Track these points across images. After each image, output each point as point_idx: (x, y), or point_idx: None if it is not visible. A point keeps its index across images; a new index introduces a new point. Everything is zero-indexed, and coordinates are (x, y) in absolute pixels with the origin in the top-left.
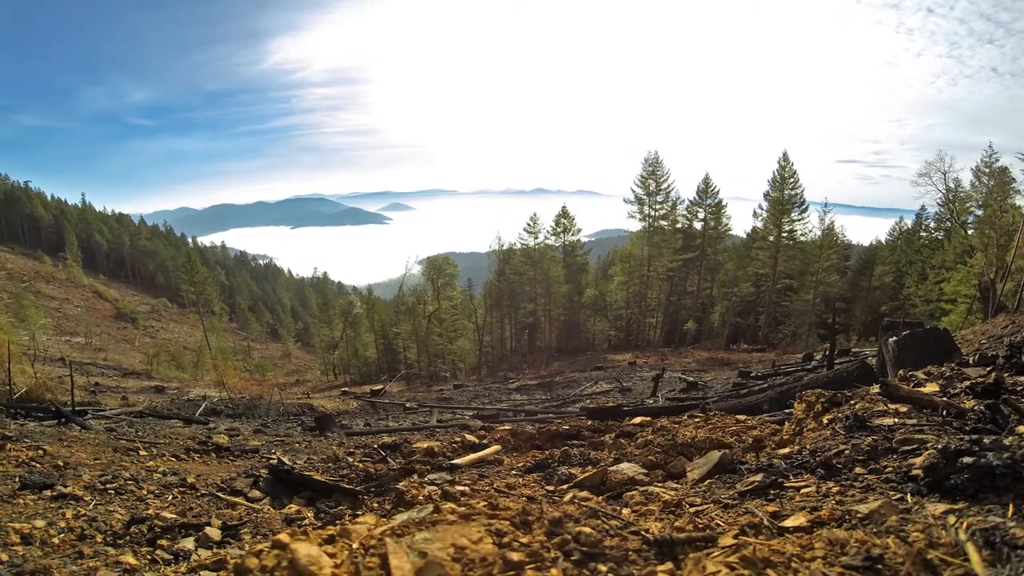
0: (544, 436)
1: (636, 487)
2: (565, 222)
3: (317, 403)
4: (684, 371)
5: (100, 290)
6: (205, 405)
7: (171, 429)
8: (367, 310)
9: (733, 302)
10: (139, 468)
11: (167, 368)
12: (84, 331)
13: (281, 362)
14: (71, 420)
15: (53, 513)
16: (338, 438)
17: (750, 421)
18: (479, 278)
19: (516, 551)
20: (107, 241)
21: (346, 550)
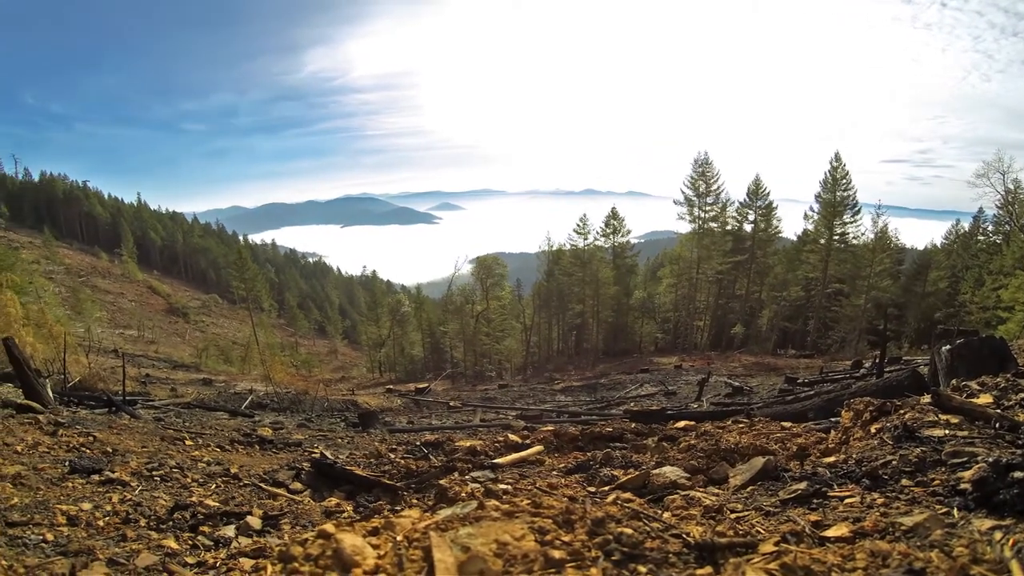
0: (587, 438)
1: (678, 491)
2: (615, 223)
3: (361, 400)
4: (730, 375)
5: (153, 285)
6: (251, 399)
7: (217, 421)
8: (415, 309)
9: (782, 306)
10: (184, 457)
11: (215, 362)
12: (137, 324)
13: (328, 358)
14: (121, 409)
15: (100, 497)
16: (380, 435)
17: (795, 428)
18: (528, 278)
19: (558, 549)
20: (161, 238)
21: (390, 542)
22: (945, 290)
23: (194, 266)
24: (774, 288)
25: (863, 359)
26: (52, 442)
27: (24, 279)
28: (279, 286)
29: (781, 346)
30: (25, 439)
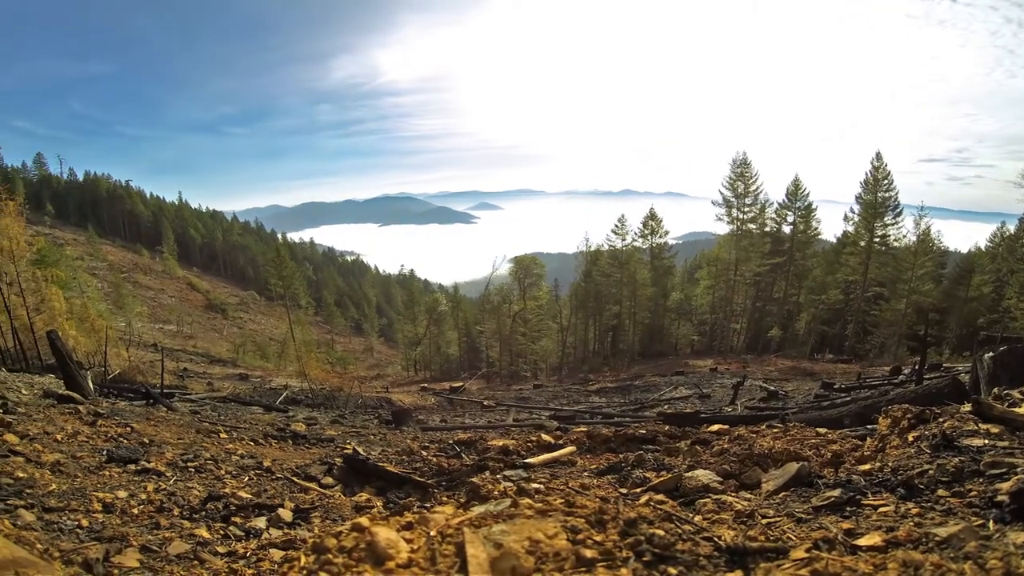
0: (619, 439)
1: (709, 495)
2: (653, 224)
3: (395, 397)
4: (765, 380)
5: (193, 282)
6: (286, 394)
7: (252, 415)
8: (452, 308)
9: (820, 310)
10: (219, 450)
11: (252, 357)
12: (176, 320)
13: (363, 356)
14: (159, 401)
15: (135, 486)
16: (413, 432)
17: (830, 435)
18: (566, 279)
19: (590, 548)
20: (201, 236)
21: (423, 537)
22: (989, 295)
23: (233, 263)
24: (812, 291)
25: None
26: (91, 432)
27: (68, 275)
28: (317, 284)
29: (818, 350)
30: (65, 428)
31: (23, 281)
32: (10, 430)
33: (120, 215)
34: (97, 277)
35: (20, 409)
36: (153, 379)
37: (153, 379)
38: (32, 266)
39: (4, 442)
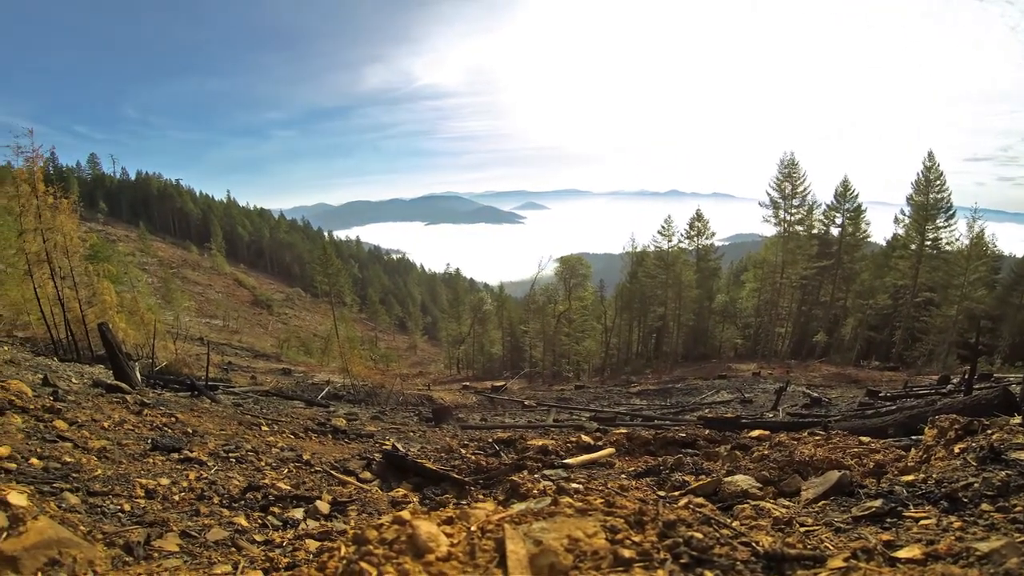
0: (659, 442)
1: (748, 500)
2: (699, 225)
3: (436, 395)
4: (809, 386)
5: (240, 278)
6: (328, 390)
7: (293, 409)
8: (497, 307)
9: (867, 315)
10: (260, 442)
11: (296, 353)
12: (223, 315)
13: (406, 354)
14: (203, 393)
15: (177, 474)
16: (452, 430)
17: (874, 444)
18: (611, 279)
19: (628, 548)
20: (248, 233)
21: (463, 531)
22: None
23: (279, 260)
24: (860, 295)
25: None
26: (137, 420)
27: (119, 270)
28: (362, 282)
29: (864, 357)
30: (112, 416)
31: (76, 275)
32: (60, 417)
33: (170, 213)
34: (147, 272)
35: (70, 397)
36: (198, 372)
37: (198, 372)
38: (85, 261)
39: (53, 428)
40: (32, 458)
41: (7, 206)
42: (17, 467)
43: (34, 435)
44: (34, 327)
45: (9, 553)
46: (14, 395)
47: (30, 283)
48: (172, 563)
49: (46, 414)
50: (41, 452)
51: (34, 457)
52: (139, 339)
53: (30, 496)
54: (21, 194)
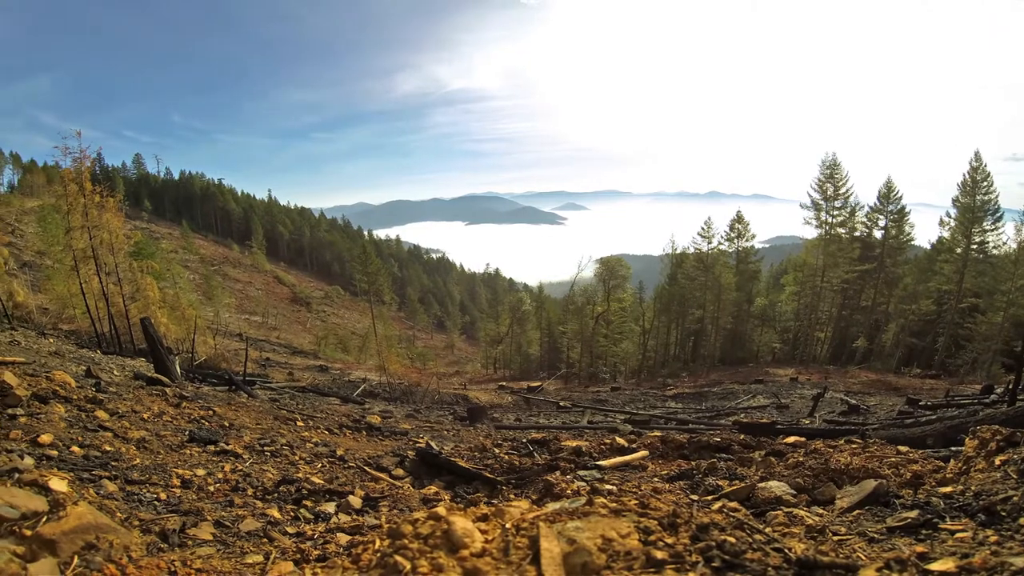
0: (693, 446)
1: (781, 507)
2: (739, 227)
3: (472, 394)
4: (847, 392)
5: (280, 275)
6: (364, 387)
7: (329, 405)
8: (536, 308)
9: (909, 320)
10: (295, 436)
11: (333, 350)
12: (262, 311)
13: (443, 353)
14: (240, 388)
15: (213, 465)
16: (486, 430)
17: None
18: (651, 281)
19: (660, 550)
20: (289, 232)
21: (498, 528)
22: None
23: (319, 259)
24: (902, 300)
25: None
26: (175, 413)
27: (162, 266)
28: (401, 281)
29: (905, 364)
30: (152, 408)
31: (121, 271)
32: (101, 407)
33: (212, 211)
34: (189, 269)
35: (111, 388)
36: (236, 367)
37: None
38: (129, 258)
39: (95, 418)
40: (73, 446)
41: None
42: (59, 454)
43: (76, 424)
44: (79, 321)
45: (48, 536)
46: (58, 385)
47: (76, 278)
48: (205, 551)
49: (88, 404)
50: (82, 440)
51: (75, 445)
52: (180, 334)
53: (70, 483)
54: (69, 193)
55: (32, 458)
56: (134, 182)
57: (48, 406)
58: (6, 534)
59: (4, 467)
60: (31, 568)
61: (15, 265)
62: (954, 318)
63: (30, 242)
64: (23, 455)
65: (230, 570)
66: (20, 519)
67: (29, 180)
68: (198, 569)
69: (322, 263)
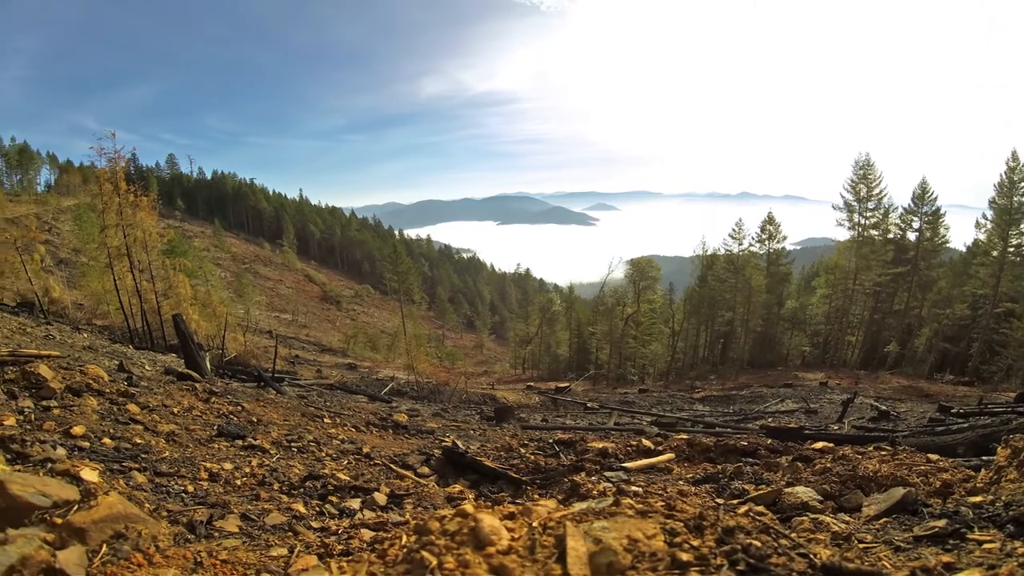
0: (719, 450)
1: (807, 513)
2: (770, 228)
3: (500, 394)
4: (877, 398)
5: (310, 274)
6: (391, 385)
7: (356, 403)
8: (566, 308)
9: (943, 325)
10: (322, 433)
11: (362, 348)
12: (292, 309)
13: (472, 352)
14: (269, 384)
15: (241, 460)
16: (513, 430)
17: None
18: (681, 282)
19: (686, 552)
20: (320, 231)
21: (525, 527)
22: None
23: (349, 258)
24: (936, 304)
25: None
26: (205, 407)
27: (195, 264)
28: (431, 280)
29: (938, 369)
30: (182, 403)
31: (154, 269)
32: (132, 401)
33: (244, 210)
34: (221, 267)
35: (143, 383)
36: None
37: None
38: (162, 256)
39: (126, 411)
40: (105, 438)
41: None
42: (90, 446)
43: (108, 417)
44: (112, 316)
45: (78, 525)
46: (91, 379)
47: (110, 275)
48: (231, 543)
49: (120, 398)
50: (114, 433)
51: (107, 437)
52: (211, 330)
53: (101, 473)
54: (104, 192)
55: (64, 449)
56: (167, 182)
57: (81, 399)
58: (37, 522)
59: (37, 457)
60: (60, 555)
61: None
62: (989, 323)
63: (66, 240)
64: (56, 446)
65: (255, 562)
66: (51, 507)
67: (65, 180)
68: (223, 560)
69: (352, 262)
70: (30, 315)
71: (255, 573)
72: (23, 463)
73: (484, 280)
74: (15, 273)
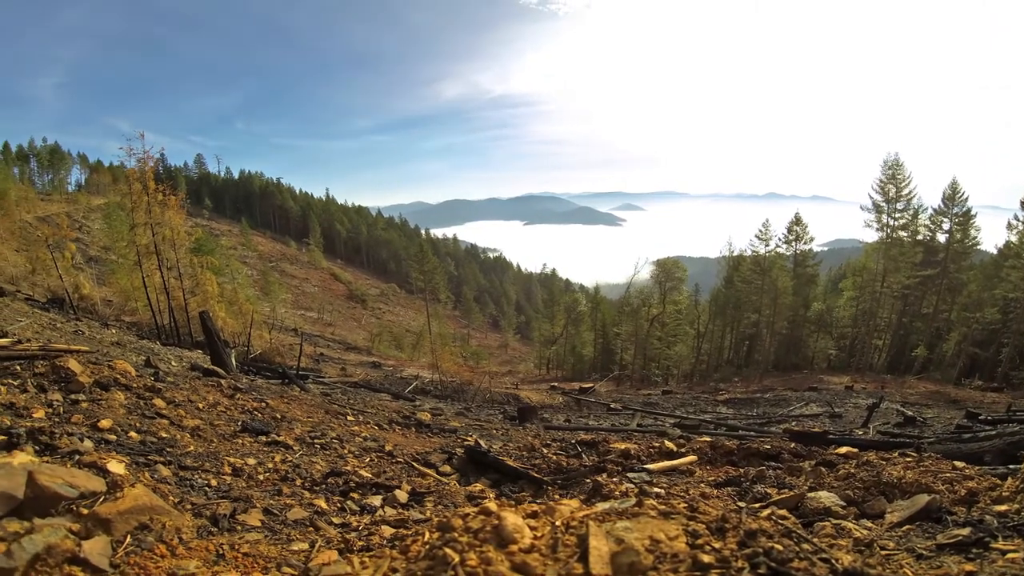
0: (742, 453)
1: (829, 518)
2: (797, 229)
3: (523, 394)
4: (903, 403)
5: (336, 273)
6: (415, 384)
7: (380, 401)
8: (591, 309)
9: (973, 329)
10: (345, 431)
11: (387, 347)
12: (318, 307)
13: (497, 352)
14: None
15: (264, 455)
16: (536, 430)
17: (968, 470)
18: (706, 283)
19: (707, 554)
20: (346, 230)
21: (548, 526)
22: None
23: (375, 257)
24: (966, 308)
25: None
26: (229, 403)
27: (222, 262)
28: (458, 279)
29: (967, 375)
30: (207, 399)
31: (182, 267)
32: (159, 396)
33: (271, 209)
34: (247, 265)
35: (169, 378)
36: (290, 361)
37: (290, 361)
38: (190, 254)
39: (152, 406)
40: (131, 432)
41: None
42: (117, 439)
43: (134, 411)
44: (140, 313)
45: (104, 516)
46: (119, 374)
47: (139, 272)
48: (253, 537)
49: (147, 393)
50: (140, 427)
51: (133, 431)
52: (237, 328)
53: (127, 466)
54: (133, 191)
55: (92, 442)
56: (195, 181)
57: (109, 393)
58: (64, 512)
59: (66, 449)
60: (85, 545)
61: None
62: (1020, 328)
63: (96, 238)
64: (83, 438)
65: (276, 556)
66: (78, 498)
67: (95, 179)
68: (245, 553)
69: (378, 261)
70: (60, 311)
71: (276, 567)
72: (51, 455)
73: (510, 280)
74: (46, 270)
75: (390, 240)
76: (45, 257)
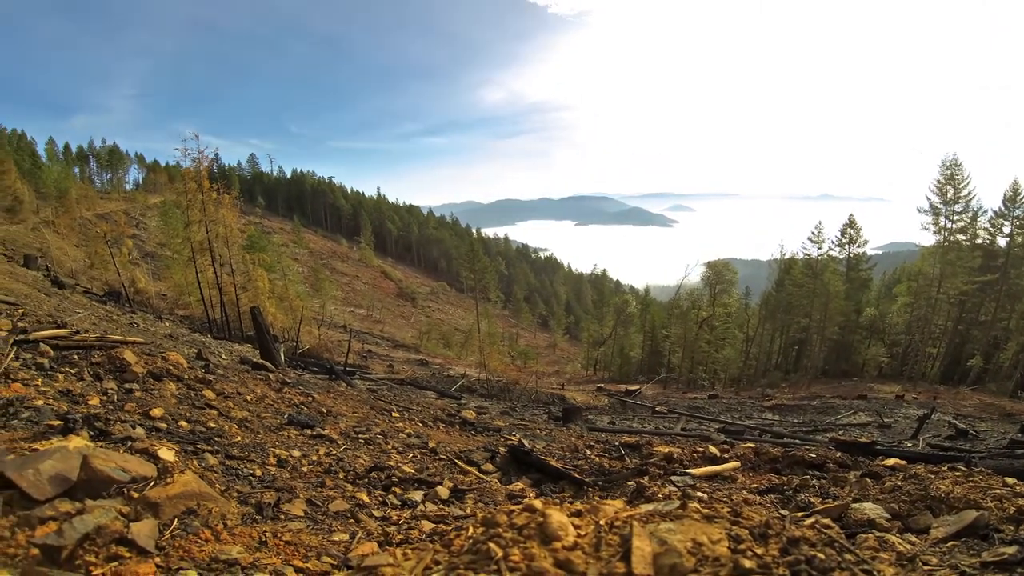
0: (786, 460)
1: (873, 531)
2: (851, 232)
3: (569, 395)
4: (956, 415)
5: (386, 271)
6: (462, 383)
7: (425, 399)
8: (641, 310)
9: None
10: (389, 427)
11: (435, 345)
12: (367, 305)
13: (545, 352)
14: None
15: (309, 448)
16: (580, 431)
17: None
18: (757, 286)
19: (748, 559)
20: (397, 228)
21: (591, 525)
22: None
23: (426, 255)
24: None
25: None
26: (277, 397)
27: (273, 259)
28: (508, 279)
29: None
30: (255, 391)
31: (234, 263)
32: (209, 387)
33: (322, 208)
34: (298, 262)
35: (219, 371)
36: (338, 357)
37: (338, 357)
38: (243, 250)
39: (202, 397)
40: (181, 421)
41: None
42: (167, 427)
43: (185, 401)
44: (193, 307)
45: (153, 499)
46: (171, 365)
47: (193, 268)
48: (295, 526)
49: (197, 384)
50: (189, 416)
51: (183, 420)
52: (286, 323)
53: (177, 453)
54: (188, 190)
55: (143, 429)
56: (248, 180)
57: (161, 383)
58: (115, 495)
59: (119, 435)
60: (133, 527)
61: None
62: None
63: (152, 235)
64: (136, 426)
65: (317, 545)
66: (130, 482)
67: (152, 178)
68: (287, 541)
69: (429, 260)
70: (117, 304)
71: (316, 555)
72: (105, 440)
73: (560, 280)
74: (104, 264)
75: (441, 239)
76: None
